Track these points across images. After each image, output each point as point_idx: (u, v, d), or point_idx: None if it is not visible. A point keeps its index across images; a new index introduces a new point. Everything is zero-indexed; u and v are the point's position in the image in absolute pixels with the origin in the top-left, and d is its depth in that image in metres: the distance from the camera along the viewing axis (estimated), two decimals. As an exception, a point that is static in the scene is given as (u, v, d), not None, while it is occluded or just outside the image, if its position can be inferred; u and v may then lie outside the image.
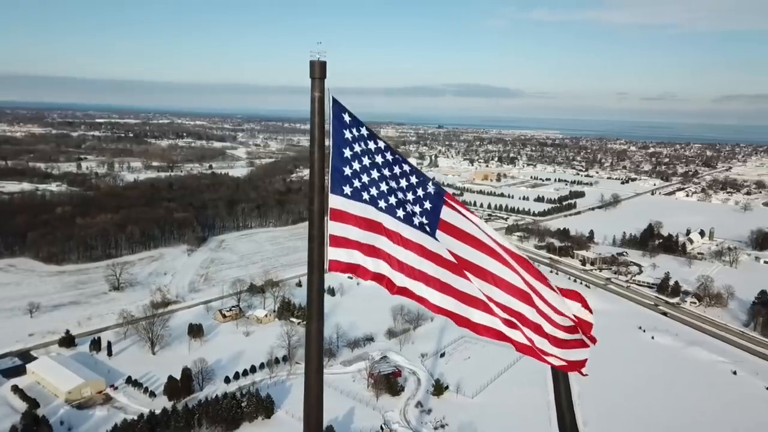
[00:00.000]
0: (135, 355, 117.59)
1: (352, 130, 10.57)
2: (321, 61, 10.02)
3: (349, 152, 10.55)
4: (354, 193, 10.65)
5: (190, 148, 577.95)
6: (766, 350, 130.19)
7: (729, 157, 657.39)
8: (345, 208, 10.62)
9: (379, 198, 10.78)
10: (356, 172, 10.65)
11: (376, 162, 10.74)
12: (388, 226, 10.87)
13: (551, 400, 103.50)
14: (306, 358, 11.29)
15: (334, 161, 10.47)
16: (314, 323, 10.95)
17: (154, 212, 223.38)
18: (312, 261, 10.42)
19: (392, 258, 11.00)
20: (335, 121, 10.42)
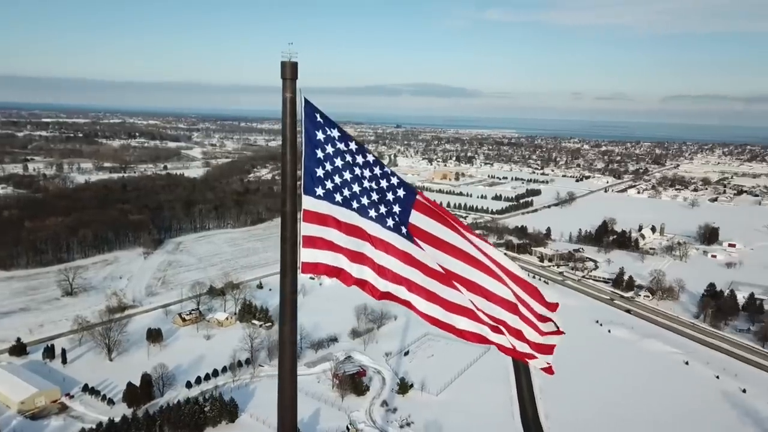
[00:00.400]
0: (91, 362, 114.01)
1: (324, 130, 10.47)
2: (292, 62, 10.06)
3: (322, 153, 10.49)
4: (327, 194, 10.59)
5: (143, 148, 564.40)
6: (715, 340, 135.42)
7: (677, 155, 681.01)
8: (318, 209, 10.57)
9: (352, 199, 10.72)
10: (329, 173, 10.57)
11: (348, 163, 10.65)
12: (362, 227, 10.83)
13: (514, 395, 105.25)
14: (279, 360, 11.26)
15: (307, 162, 10.40)
16: (287, 325, 10.90)
17: (107, 214, 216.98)
18: (285, 262, 10.39)
19: (365, 258, 10.96)
20: (307, 122, 10.34)
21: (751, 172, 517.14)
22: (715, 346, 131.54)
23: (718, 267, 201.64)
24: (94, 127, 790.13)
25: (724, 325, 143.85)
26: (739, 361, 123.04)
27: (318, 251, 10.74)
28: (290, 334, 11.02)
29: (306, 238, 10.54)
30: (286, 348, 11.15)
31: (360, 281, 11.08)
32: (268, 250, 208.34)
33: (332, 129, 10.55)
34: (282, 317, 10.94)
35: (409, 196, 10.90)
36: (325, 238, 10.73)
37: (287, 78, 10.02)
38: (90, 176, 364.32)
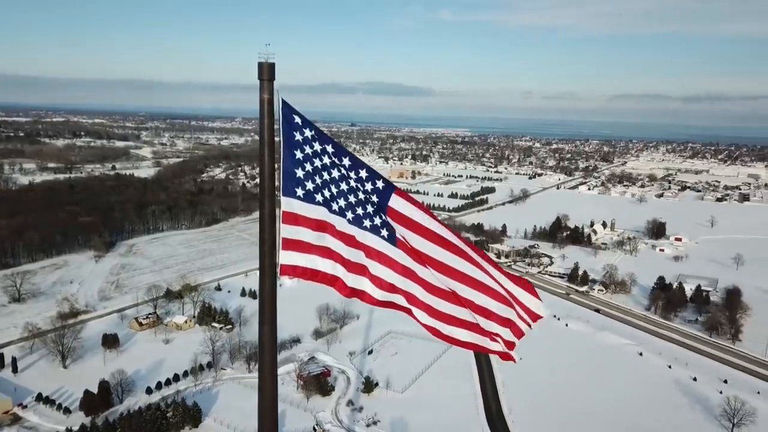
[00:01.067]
0: (44, 371, 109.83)
1: (302, 131, 10.39)
2: (270, 63, 9.94)
3: (301, 154, 10.41)
4: (307, 195, 10.53)
5: (89, 147, 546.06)
6: (666, 331, 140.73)
7: (623, 152, 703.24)
8: (297, 210, 10.50)
9: (332, 200, 10.69)
10: (309, 174, 10.51)
11: (326, 164, 10.59)
12: (341, 228, 10.78)
13: (477, 391, 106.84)
14: (260, 363, 11.13)
15: (286, 163, 10.34)
16: (266, 327, 10.77)
17: (54, 217, 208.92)
18: (263, 265, 10.24)
19: (345, 260, 10.93)
20: (285, 123, 10.27)
21: (693, 168, 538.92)
22: (666, 336, 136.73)
23: (666, 260, 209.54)
24: (36, 126, 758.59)
25: (674, 317, 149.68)
26: (689, 351, 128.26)
27: (297, 253, 10.58)
28: (270, 336, 10.84)
29: (285, 240, 10.37)
30: (266, 350, 10.96)
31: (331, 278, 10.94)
32: (225, 251, 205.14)
33: (310, 130, 10.45)
34: (261, 319, 10.76)
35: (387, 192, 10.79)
36: (304, 240, 10.62)
37: (264, 79, 9.94)
38: (33, 177, 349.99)
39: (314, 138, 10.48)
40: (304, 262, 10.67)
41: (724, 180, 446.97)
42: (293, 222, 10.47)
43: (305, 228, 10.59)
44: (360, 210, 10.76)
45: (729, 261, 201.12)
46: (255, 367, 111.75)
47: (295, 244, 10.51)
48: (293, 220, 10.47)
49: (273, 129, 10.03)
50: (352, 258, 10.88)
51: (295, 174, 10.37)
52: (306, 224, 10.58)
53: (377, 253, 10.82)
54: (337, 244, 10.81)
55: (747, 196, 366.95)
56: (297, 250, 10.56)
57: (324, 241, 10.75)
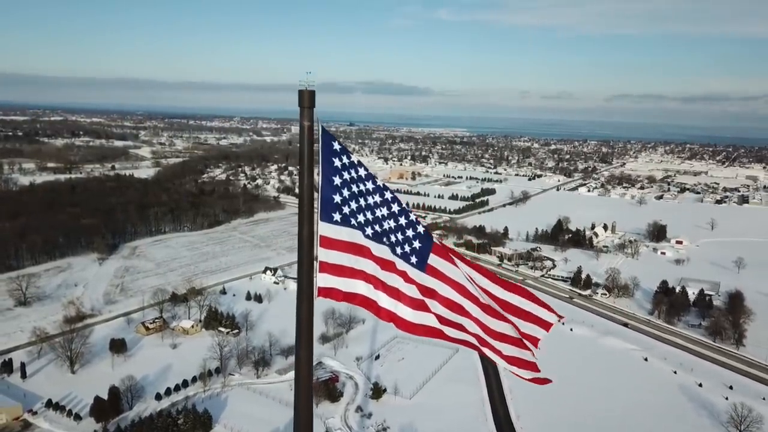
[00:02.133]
0: (52, 376, 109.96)
1: (341, 158, 10.76)
2: (310, 90, 10.18)
3: (339, 180, 10.75)
4: (343, 219, 10.83)
5: (88, 147, 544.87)
6: (670, 336, 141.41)
7: (622, 153, 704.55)
8: (334, 234, 10.78)
9: (367, 225, 11.01)
10: (345, 200, 10.84)
11: (362, 190, 10.99)
12: (376, 253, 11.11)
13: (485, 396, 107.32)
14: (296, 387, 11.41)
15: (324, 189, 10.66)
16: (303, 351, 10.99)
17: (57, 218, 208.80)
18: (301, 288, 10.55)
19: (381, 283, 11.26)
20: (324, 150, 10.59)
21: (692, 170, 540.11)
22: (671, 341, 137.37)
23: (668, 263, 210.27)
24: (34, 125, 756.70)
25: (677, 321, 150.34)
26: (694, 356, 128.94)
27: (334, 277, 10.94)
28: (307, 360, 11.08)
29: (322, 263, 10.70)
30: (302, 373, 11.23)
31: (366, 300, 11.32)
32: (228, 253, 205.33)
33: (348, 157, 10.83)
34: (298, 342, 11.03)
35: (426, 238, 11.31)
36: (341, 263, 10.94)
37: (305, 106, 10.19)
38: (33, 177, 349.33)
39: (352, 165, 10.86)
40: (340, 285, 11.00)
41: (723, 182, 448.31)
42: (330, 246, 10.73)
43: (342, 252, 10.88)
44: (393, 237, 11.12)
45: (730, 264, 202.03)
46: (263, 372, 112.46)
47: (331, 268, 10.82)
48: (330, 244, 10.72)
49: (312, 155, 10.29)
50: (388, 281, 11.20)
51: (333, 199, 10.72)
52: (342, 248, 10.87)
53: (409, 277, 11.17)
54: (373, 267, 11.13)
55: (746, 198, 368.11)
56: (334, 273, 10.87)
57: (360, 264, 11.06)
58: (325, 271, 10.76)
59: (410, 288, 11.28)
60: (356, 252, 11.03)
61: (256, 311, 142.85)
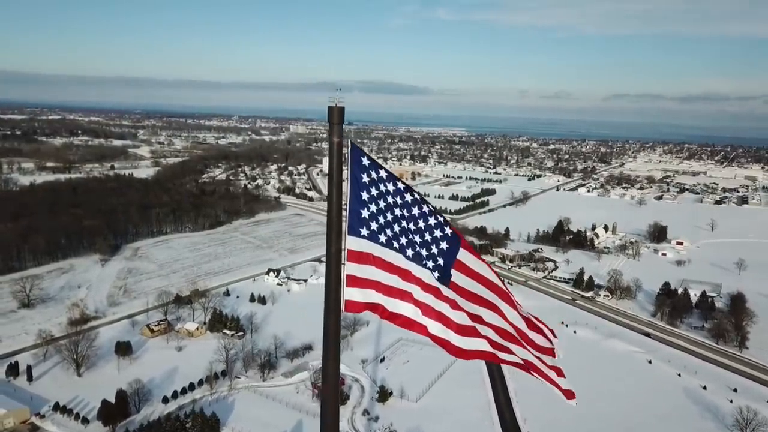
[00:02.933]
0: (59, 379, 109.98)
1: (370, 173, 10.92)
2: (339, 107, 10.32)
3: (367, 195, 10.91)
4: (371, 234, 10.95)
5: (87, 146, 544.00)
6: (673, 338, 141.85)
7: (621, 153, 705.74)
8: (362, 249, 10.91)
9: (394, 239, 11.13)
10: (373, 214, 10.96)
11: (390, 204, 11.08)
12: (403, 266, 11.26)
13: (491, 400, 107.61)
14: (322, 399, 11.60)
15: (352, 204, 10.79)
16: (330, 362, 11.13)
17: (58, 219, 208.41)
18: (329, 301, 10.67)
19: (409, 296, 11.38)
20: (353, 166, 10.74)
21: (690, 170, 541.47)
22: (674, 344, 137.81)
23: (669, 265, 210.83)
24: (32, 124, 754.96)
25: (680, 323, 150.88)
26: (697, 359, 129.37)
27: (361, 290, 11.07)
28: (334, 372, 11.19)
29: (349, 277, 10.82)
30: (330, 386, 11.38)
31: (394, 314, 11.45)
32: (230, 254, 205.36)
33: (378, 171, 10.98)
34: (326, 354, 11.17)
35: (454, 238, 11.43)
36: (368, 277, 11.07)
37: (334, 122, 10.31)
38: (33, 177, 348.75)
39: (381, 179, 11.00)
40: (367, 298, 11.11)
41: (722, 182, 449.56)
42: (358, 260, 10.87)
43: (369, 266, 11.01)
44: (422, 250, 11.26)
45: (731, 266, 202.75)
46: (269, 375, 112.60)
47: (359, 281, 10.95)
48: (358, 258, 10.87)
49: (341, 171, 10.39)
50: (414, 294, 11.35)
51: (361, 214, 10.85)
52: (370, 262, 11.00)
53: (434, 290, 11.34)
54: (400, 282, 11.27)
55: (746, 199, 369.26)
56: (361, 286, 11.00)
57: (388, 279, 11.19)
58: (352, 284, 10.90)
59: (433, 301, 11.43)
60: (384, 266, 11.17)
61: (260, 313, 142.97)
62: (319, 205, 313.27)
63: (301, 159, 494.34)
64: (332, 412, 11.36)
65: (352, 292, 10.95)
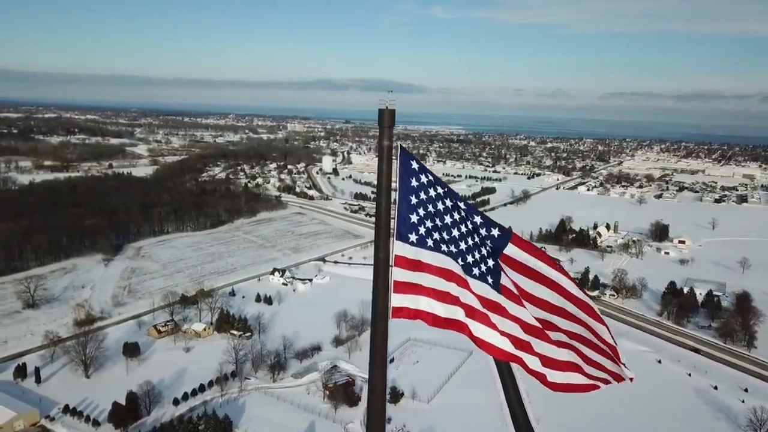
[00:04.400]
0: (67, 381, 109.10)
1: (419, 177, 10.69)
2: (390, 110, 10.14)
3: (416, 199, 10.69)
4: (419, 240, 10.74)
5: (84, 145, 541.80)
6: (681, 338, 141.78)
7: (618, 151, 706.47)
8: (410, 254, 10.72)
9: (443, 243, 10.85)
10: (422, 219, 10.73)
11: (440, 209, 10.82)
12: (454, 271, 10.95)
13: (503, 400, 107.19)
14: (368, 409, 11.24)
15: (401, 209, 10.60)
16: (378, 372, 10.95)
17: (60, 219, 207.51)
18: (376, 309, 10.49)
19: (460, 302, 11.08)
20: (402, 169, 10.52)
21: (688, 168, 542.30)
22: (682, 343, 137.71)
23: (672, 264, 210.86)
24: (29, 122, 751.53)
25: (687, 323, 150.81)
26: (706, 358, 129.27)
27: (408, 296, 10.86)
28: (381, 381, 11.01)
29: (397, 283, 10.62)
30: (376, 397, 11.11)
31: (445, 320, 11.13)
32: (234, 254, 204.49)
33: (426, 175, 10.71)
34: (372, 363, 10.96)
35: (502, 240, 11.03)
36: (416, 282, 10.84)
37: (385, 126, 10.12)
38: (31, 176, 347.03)
39: (429, 183, 10.72)
40: (415, 305, 10.87)
41: (720, 180, 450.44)
42: (405, 266, 10.66)
43: (418, 272, 10.78)
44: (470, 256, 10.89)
45: (734, 264, 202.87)
46: (279, 376, 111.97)
47: (407, 287, 10.73)
48: (406, 264, 10.65)
49: (391, 175, 10.17)
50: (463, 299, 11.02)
51: (410, 219, 10.62)
52: (418, 268, 10.78)
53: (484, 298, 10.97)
54: (449, 286, 10.96)
55: (745, 198, 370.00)
56: (409, 292, 10.77)
57: (436, 284, 10.91)
58: (399, 290, 10.70)
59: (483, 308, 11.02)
60: (433, 272, 10.88)
61: (267, 314, 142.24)
62: (320, 204, 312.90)
63: (300, 157, 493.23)
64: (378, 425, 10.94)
65: (400, 299, 10.74)
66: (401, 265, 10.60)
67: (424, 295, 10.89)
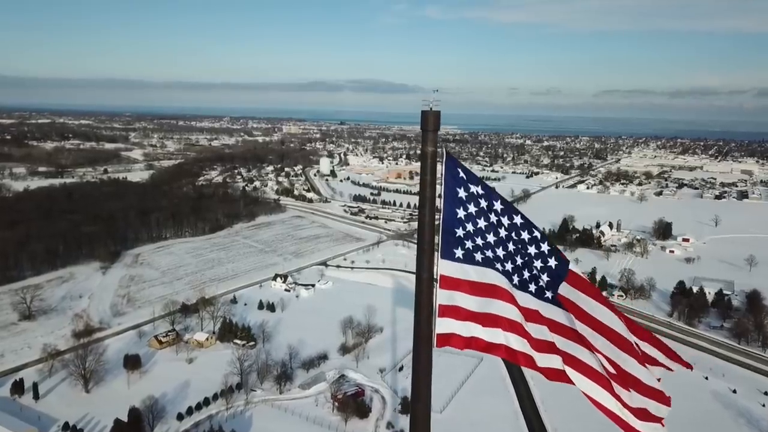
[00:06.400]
0: (66, 396, 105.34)
1: (467, 187, 9.64)
2: (435, 112, 9.09)
3: (463, 212, 9.67)
4: (466, 256, 9.74)
5: (79, 150, 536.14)
6: (694, 339, 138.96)
7: (615, 149, 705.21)
8: (456, 274, 9.76)
9: (496, 261, 9.79)
10: (470, 234, 9.70)
11: (493, 224, 9.68)
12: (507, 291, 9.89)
13: (518, 409, 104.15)
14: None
15: (446, 222, 9.63)
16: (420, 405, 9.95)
17: (55, 226, 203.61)
18: (419, 334, 9.59)
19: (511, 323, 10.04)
20: (448, 178, 9.55)
21: (686, 165, 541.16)
22: (696, 345, 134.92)
23: (678, 262, 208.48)
24: (22, 127, 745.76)
25: (698, 323, 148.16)
26: (722, 360, 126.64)
27: (454, 321, 9.93)
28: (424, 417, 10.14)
29: (442, 307, 9.72)
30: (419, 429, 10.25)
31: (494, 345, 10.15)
32: (234, 260, 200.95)
33: (475, 186, 9.66)
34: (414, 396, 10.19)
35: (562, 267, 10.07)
36: (463, 306, 9.90)
37: (429, 130, 9.12)
38: (26, 182, 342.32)
39: (480, 195, 9.67)
40: (463, 330, 9.97)
41: (719, 176, 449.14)
42: (451, 287, 9.75)
43: (465, 293, 9.82)
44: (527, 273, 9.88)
45: (741, 262, 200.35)
46: (286, 387, 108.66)
47: (453, 311, 9.84)
48: (451, 284, 9.73)
49: (435, 185, 9.18)
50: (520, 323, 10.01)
51: (456, 233, 9.67)
52: (466, 289, 9.82)
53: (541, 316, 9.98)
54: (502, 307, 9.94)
55: (745, 194, 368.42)
56: (455, 317, 9.89)
57: (487, 307, 9.89)
58: (445, 314, 9.78)
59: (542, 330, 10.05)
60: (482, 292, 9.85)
61: (270, 321, 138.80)
62: (319, 207, 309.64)
63: (297, 159, 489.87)
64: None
65: (446, 324, 9.88)
66: (446, 286, 9.67)
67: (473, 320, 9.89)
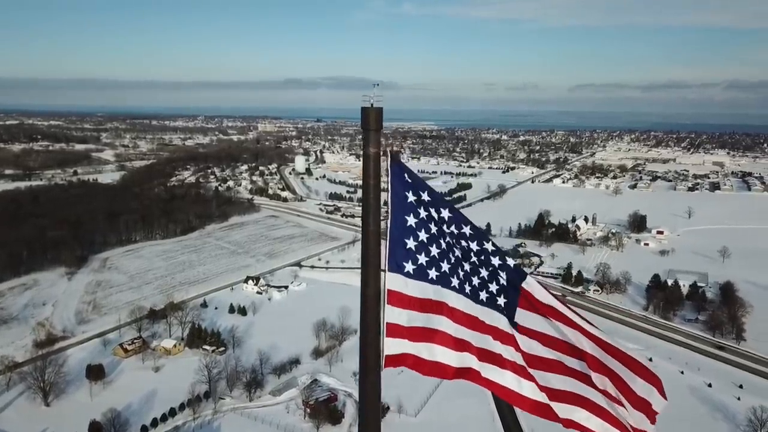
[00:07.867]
0: (24, 411, 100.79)
1: (416, 192, 8.70)
2: (377, 108, 8.20)
3: (414, 220, 8.76)
4: (418, 270, 8.75)
5: (47, 152, 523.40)
6: (670, 333, 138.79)
7: (590, 143, 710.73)
8: (406, 290, 8.79)
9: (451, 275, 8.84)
10: (423, 244, 8.72)
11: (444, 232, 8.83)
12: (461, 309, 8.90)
13: (494, 410, 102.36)
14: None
15: (394, 232, 8.63)
16: None
17: (20, 231, 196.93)
18: (366, 360, 8.57)
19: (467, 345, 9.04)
20: (395, 182, 8.58)
21: (660, 157, 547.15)
22: (671, 339, 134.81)
23: (653, 255, 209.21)
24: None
25: (673, 316, 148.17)
26: (697, 353, 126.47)
27: (405, 341, 8.89)
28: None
29: (390, 325, 8.67)
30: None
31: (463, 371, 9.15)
32: (205, 262, 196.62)
33: (423, 191, 8.76)
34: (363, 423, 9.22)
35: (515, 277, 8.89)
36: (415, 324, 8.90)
37: (371, 129, 8.19)
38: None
39: (429, 202, 8.81)
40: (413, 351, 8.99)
41: (692, 169, 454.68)
42: (401, 304, 8.78)
43: (416, 311, 8.89)
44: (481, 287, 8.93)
45: (714, 254, 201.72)
46: (256, 394, 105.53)
47: (402, 331, 8.88)
48: (401, 301, 8.75)
49: (380, 192, 8.34)
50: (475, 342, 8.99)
51: (406, 244, 8.74)
52: (417, 306, 8.90)
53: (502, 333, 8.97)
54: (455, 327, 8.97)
55: (717, 185, 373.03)
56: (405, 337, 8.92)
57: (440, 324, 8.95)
58: (393, 334, 8.75)
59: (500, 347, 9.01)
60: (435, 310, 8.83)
61: (241, 325, 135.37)
62: (294, 206, 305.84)
63: (272, 158, 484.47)
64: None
65: (394, 344, 8.78)
66: (395, 302, 8.68)
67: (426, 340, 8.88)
